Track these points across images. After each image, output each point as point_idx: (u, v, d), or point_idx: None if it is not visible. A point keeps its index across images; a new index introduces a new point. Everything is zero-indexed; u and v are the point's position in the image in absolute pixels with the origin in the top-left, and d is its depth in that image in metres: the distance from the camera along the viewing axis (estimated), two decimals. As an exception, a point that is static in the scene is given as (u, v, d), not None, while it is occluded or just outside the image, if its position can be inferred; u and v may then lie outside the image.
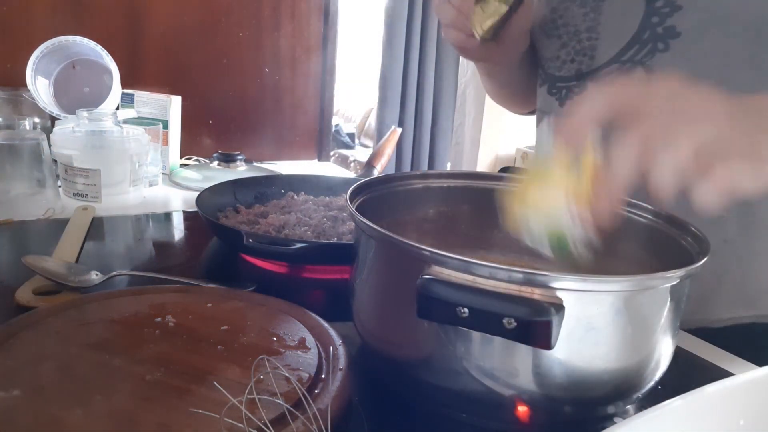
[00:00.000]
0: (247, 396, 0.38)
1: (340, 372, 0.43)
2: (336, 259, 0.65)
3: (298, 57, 1.37)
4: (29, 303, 0.55)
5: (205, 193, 0.79)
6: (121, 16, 1.19)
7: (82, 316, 0.48)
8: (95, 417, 0.36)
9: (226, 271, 0.73)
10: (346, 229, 0.74)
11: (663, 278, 0.40)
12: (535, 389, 0.39)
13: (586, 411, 0.42)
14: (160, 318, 0.49)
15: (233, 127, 1.34)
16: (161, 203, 0.97)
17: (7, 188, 0.84)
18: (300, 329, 0.49)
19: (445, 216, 0.63)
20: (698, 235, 0.47)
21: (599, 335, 0.39)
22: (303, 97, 1.41)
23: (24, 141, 0.83)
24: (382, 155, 1.09)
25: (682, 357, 0.56)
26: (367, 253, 0.47)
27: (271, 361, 0.43)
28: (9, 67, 1.11)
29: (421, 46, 2.94)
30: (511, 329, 0.34)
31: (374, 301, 0.47)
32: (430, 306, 0.37)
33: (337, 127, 4.21)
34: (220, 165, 1.15)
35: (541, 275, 0.36)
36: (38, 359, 0.42)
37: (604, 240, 0.42)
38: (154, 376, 0.41)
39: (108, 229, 0.82)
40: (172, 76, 1.25)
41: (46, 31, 1.07)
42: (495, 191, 0.63)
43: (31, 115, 1.05)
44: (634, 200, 0.55)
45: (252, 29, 1.31)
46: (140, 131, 0.95)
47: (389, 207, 0.60)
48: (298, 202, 0.83)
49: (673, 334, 0.44)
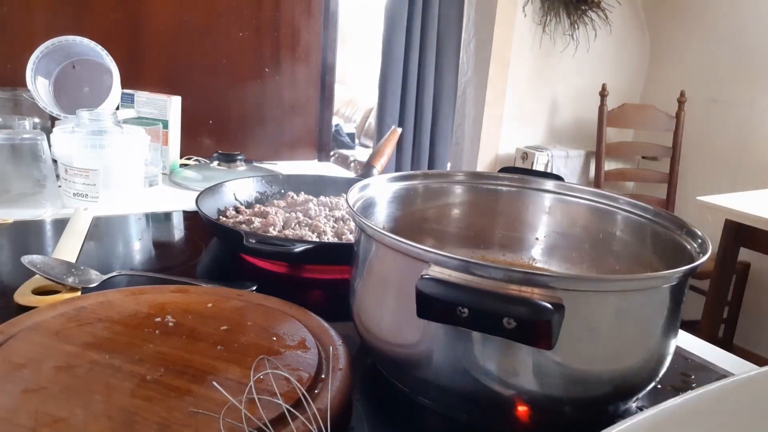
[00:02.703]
0: (246, 396, 0.38)
1: (340, 372, 0.43)
2: (336, 259, 0.65)
3: (298, 57, 1.37)
4: (29, 303, 0.55)
5: (205, 193, 0.79)
6: (121, 16, 1.19)
7: (82, 316, 0.48)
8: (95, 417, 0.36)
9: (226, 271, 0.73)
10: (347, 229, 0.74)
11: (663, 278, 0.40)
12: (535, 389, 0.39)
13: (586, 411, 0.42)
14: (159, 318, 0.49)
15: (233, 127, 1.34)
16: (161, 203, 0.97)
17: (7, 188, 0.84)
18: (300, 329, 0.49)
19: (445, 216, 0.63)
20: (698, 235, 0.47)
21: (599, 335, 0.39)
22: (303, 97, 1.41)
23: (24, 141, 0.83)
24: (382, 155, 1.09)
25: (682, 357, 0.56)
26: (367, 253, 0.47)
27: (271, 361, 0.43)
28: (9, 67, 1.11)
29: (421, 46, 2.94)
30: (511, 329, 0.34)
31: (374, 301, 0.47)
32: (430, 306, 0.37)
33: (337, 127, 4.21)
34: (220, 165, 1.15)
35: (541, 275, 0.36)
36: (38, 359, 0.41)
37: (604, 240, 0.42)
38: (154, 376, 0.40)
39: (108, 229, 0.82)
40: (172, 76, 1.25)
41: (46, 31, 1.07)
42: (495, 191, 0.63)
43: (31, 115, 1.05)
44: (634, 200, 0.55)
45: (252, 29, 1.31)
46: (140, 131, 0.95)
47: (389, 207, 0.60)
48: (298, 202, 0.83)
49: (673, 334, 0.44)
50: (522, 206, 0.62)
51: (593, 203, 0.59)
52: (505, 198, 0.63)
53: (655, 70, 2.81)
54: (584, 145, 2.73)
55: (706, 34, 2.55)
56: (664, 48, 2.76)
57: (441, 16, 2.89)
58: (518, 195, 0.62)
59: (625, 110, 2.52)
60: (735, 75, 2.46)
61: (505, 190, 0.63)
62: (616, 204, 0.57)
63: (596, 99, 2.49)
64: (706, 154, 2.59)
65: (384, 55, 2.93)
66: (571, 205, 0.60)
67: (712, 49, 2.53)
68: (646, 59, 2.84)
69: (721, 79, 2.51)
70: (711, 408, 0.34)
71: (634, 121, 2.57)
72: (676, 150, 2.49)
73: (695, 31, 2.60)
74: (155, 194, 1.03)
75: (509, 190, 0.63)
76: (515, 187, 0.62)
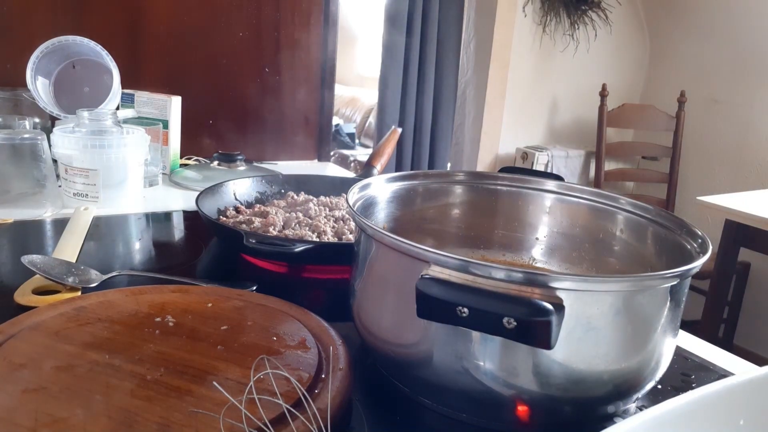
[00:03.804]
0: (246, 396, 0.38)
1: (340, 372, 0.43)
2: (336, 259, 0.65)
3: (298, 57, 1.37)
4: (29, 303, 0.55)
5: (205, 193, 0.79)
6: (121, 16, 1.19)
7: (82, 316, 0.48)
8: (95, 417, 0.36)
9: (226, 271, 0.73)
10: (347, 229, 0.74)
11: (663, 278, 0.40)
12: (535, 389, 0.39)
13: (586, 411, 0.42)
14: (159, 318, 0.49)
15: (233, 127, 1.34)
16: (161, 203, 0.97)
17: (7, 188, 0.84)
18: (300, 329, 0.49)
19: (445, 216, 0.63)
20: (698, 235, 0.47)
21: (599, 335, 0.39)
22: (303, 97, 1.41)
23: (24, 141, 0.83)
24: (382, 155, 1.09)
25: (682, 357, 0.56)
26: (367, 253, 0.47)
27: (271, 361, 0.43)
28: (9, 67, 1.11)
29: (421, 46, 2.94)
30: (511, 329, 0.34)
31: (374, 301, 0.47)
32: (430, 306, 0.37)
33: (337, 127, 4.21)
34: (220, 165, 1.15)
35: (541, 275, 0.36)
36: (38, 359, 0.41)
37: (605, 240, 0.42)
38: (154, 376, 0.40)
39: (108, 229, 0.82)
40: (172, 76, 1.25)
41: (46, 31, 1.07)
42: (495, 191, 0.63)
43: (31, 115, 1.05)
44: (634, 200, 0.55)
45: (252, 29, 1.31)
46: (140, 131, 0.95)
47: (389, 207, 0.60)
48: (299, 202, 0.83)
49: (673, 334, 0.44)
50: (522, 206, 0.62)
51: (593, 203, 0.59)
52: (505, 198, 0.63)
53: (655, 70, 2.81)
54: (584, 145, 2.73)
55: (706, 34, 2.55)
56: (664, 48, 2.76)
57: (441, 16, 2.89)
58: (518, 195, 0.62)
59: (625, 110, 2.52)
60: (735, 75, 2.46)
61: (505, 190, 0.63)
62: (617, 204, 0.57)
63: (596, 99, 2.49)
64: (706, 154, 2.59)
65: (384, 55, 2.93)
66: (572, 205, 0.60)
67: (712, 49, 2.53)
68: (646, 59, 2.84)
69: (721, 79, 2.51)
70: (711, 408, 0.34)
71: (634, 121, 2.57)
72: (676, 150, 2.49)
73: (695, 31, 2.60)
74: (155, 194, 1.03)
75: (509, 190, 0.63)
76: (515, 187, 0.62)
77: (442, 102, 3.04)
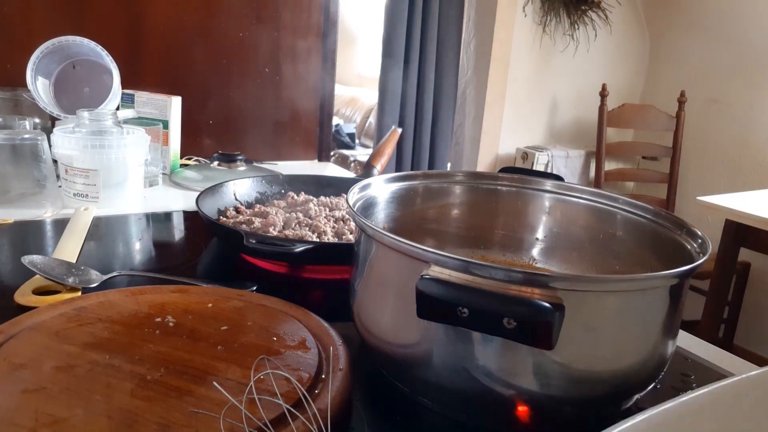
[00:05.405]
0: (247, 396, 0.38)
1: (340, 372, 0.43)
2: (336, 259, 0.65)
3: (298, 57, 1.37)
4: (29, 303, 0.55)
5: (205, 193, 0.79)
6: (121, 17, 1.19)
7: (82, 316, 0.48)
8: (95, 417, 0.36)
9: (226, 271, 0.73)
10: (347, 229, 0.74)
11: (663, 278, 0.40)
12: (535, 389, 0.39)
13: (586, 411, 0.42)
14: (159, 318, 0.49)
15: (233, 127, 1.34)
16: (161, 203, 0.97)
17: (7, 188, 0.84)
18: (300, 329, 0.49)
19: (445, 216, 0.63)
20: (698, 235, 0.47)
21: (599, 335, 0.39)
22: (303, 97, 1.41)
23: (24, 141, 0.83)
24: (382, 155, 1.09)
25: (682, 357, 0.56)
26: (367, 253, 0.47)
27: (271, 361, 0.43)
28: (9, 67, 1.11)
29: (421, 46, 2.94)
30: (511, 329, 0.34)
31: (374, 301, 0.47)
32: (430, 306, 0.37)
33: (337, 127, 4.21)
34: (220, 165, 1.15)
35: (541, 275, 0.36)
36: (38, 359, 0.41)
37: (605, 240, 0.42)
38: (154, 376, 0.40)
39: (108, 229, 0.82)
40: (172, 76, 1.25)
41: (46, 31, 1.07)
42: (495, 191, 0.63)
43: (31, 115, 1.05)
44: (634, 200, 0.55)
45: (252, 29, 1.31)
46: (140, 131, 0.95)
47: (389, 207, 0.60)
48: (299, 202, 0.83)
49: (673, 334, 0.44)
50: (522, 206, 0.62)
51: (593, 203, 0.59)
52: (505, 198, 0.63)
53: (655, 70, 2.81)
54: (584, 145, 2.73)
55: (706, 34, 2.55)
56: (664, 48, 2.76)
57: (441, 16, 2.89)
58: (518, 195, 0.62)
59: (625, 110, 2.52)
60: (735, 75, 2.46)
61: (505, 190, 0.63)
62: (616, 204, 0.57)
63: (596, 99, 2.49)
64: (706, 154, 2.59)
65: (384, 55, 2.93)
66: (571, 205, 0.60)
67: (712, 49, 2.53)
68: (646, 59, 2.84)
69: (721, 79, 2.51)
70: (711, 408, 0.34)
71: (634, 121, 2.57)
72: (676, 150, 2.49)
73: (695, 31, 2.60)
74: (155, 194, 1.03)
75: (509, 190, 0.63)
76: (515, 187, 0.62)
77: (442, 102, 3.04)
